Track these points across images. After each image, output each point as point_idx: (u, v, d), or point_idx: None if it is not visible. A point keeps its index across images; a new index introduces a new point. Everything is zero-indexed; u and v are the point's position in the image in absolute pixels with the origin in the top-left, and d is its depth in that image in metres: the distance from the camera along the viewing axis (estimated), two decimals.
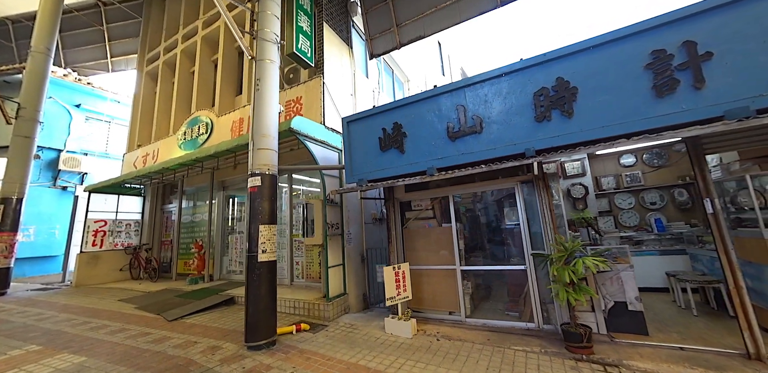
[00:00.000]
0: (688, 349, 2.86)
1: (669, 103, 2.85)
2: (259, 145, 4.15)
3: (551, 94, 3.38)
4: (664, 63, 2.90)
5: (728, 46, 2.70)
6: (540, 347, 3.21)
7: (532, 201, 4.01)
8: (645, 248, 4.75)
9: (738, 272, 2.79)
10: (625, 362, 2.79)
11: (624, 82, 3.03)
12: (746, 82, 2.62)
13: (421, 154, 4.14)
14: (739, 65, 2.65)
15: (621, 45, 3.09)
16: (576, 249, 3.19)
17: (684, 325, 3.35)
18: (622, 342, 3.09)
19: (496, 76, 3.71)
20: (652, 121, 2.89)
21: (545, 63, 3.46)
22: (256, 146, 4.15)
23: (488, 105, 3.75)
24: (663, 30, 2.94)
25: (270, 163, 4.15)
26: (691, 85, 2.79)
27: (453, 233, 4.41)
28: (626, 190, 5.43)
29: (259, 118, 4.24)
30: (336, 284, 4.88)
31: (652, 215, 5.12)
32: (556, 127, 3.32)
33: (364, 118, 4.75)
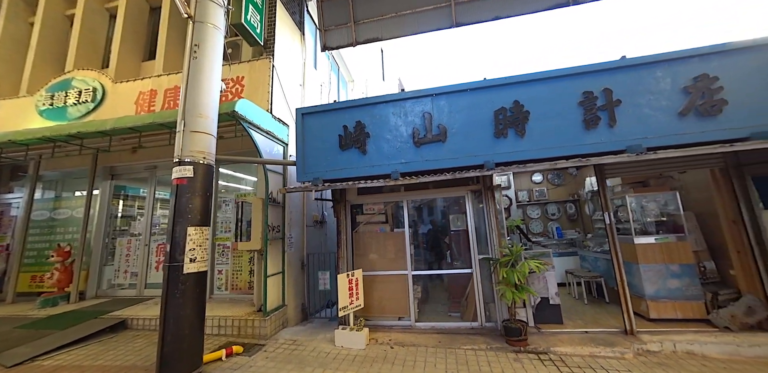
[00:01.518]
0: (590, 332, 3.58)
1: (593, 134, 3.53)
2: (193, 126, 3.34)
3: (509, 114, 3.76)
4: (591, 102, 3.57)
5: (630, 97, 3.50)
6: (485, 344, 3.49)
7: (479, 209, 4.39)
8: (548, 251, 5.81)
9: (623, 269, 3.65)
10: (551, 349, 3.29)
11: (565, 112, 3.61)
12: (639, 126, 3.45)
13: (384, 156, 4.05)
14: (636, 113, 3.47)
15: (564, 82, 3.67)
16: (520, 253, 3.62)
17: (582, 312, 4.20)
18: (546, 332, 3.65)
19: (463, 90, 3.93)
20: (582, 148, 3.52)
21: (505, 86, 3.83)
22: (189, 128, 3.33)
23: (453, 116, 3.93)
24: (592, 76, 3.63)
25: (207, 151, 3.39)
26: (607, 123, 3.52)
27: (405, 238, 4.45)
28: (535, 202, 6.57)
29: (195, 95, 3.42)
30: (275, 294, 4.31)
31: (553, 223, 6.33)
32: (511, 144, 3.71)
33: (323, 112, 4.37)
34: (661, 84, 3.43)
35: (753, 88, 3.23)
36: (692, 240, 3.78)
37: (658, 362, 3.00)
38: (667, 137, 3.32)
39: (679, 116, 3.35)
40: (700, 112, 3.30)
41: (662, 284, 3.65)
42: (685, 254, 3.67)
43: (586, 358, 3.11)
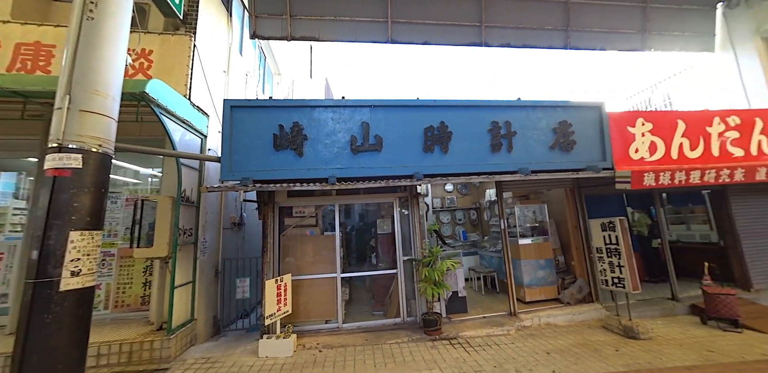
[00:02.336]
0: (487, 316, 4.40)
1: (497, 157, 4.41)
2: (86, 105, 2.66)
3: (436, 132, 4.33)
4: (497, 131, 4.45)
5: (522, 130, 4.51)
6: (407, 336, 3.88)
7: (405, 214, 4.84)
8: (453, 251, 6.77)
9: (511, 265, 4.64)
10: (460, 334, 3.92)
11: (478, 136, 4.39)
12: (527, 153, 4.48)
13: (321, 160, 4.08)
14: (525, 143, 4.51)
15: (479, 111, 4.45)
16: (438, 254, 4.19)
17: (481, 302, 5.09)
18: (455, 320, 4.30)
19: (399, 106, 4.32)
20: (489, 167, 4.34)
21: (435, 107, 4.40)
22: (79, 106, 2.66)
23: (389, 128, 4.27)
24: (498, 110, 4.52)
25: (104, 138, 2.75)
26: (507, 149, 4.46)
27: (336, 241, 4.54)
28: (446, 209, 7.58)
29: (90, 65, 2.73)
30: (182, 308, 3.76)
31: (459, 227, 7.42)
32: (437, 159, 4.28)
33: (257, 107, 4.11)
34: (540, 123, 4.55)
35: (588, 135, 4.63)
36: (553, 240, 5.10)
37: (530, 333, 3.94)
38: (544, 164, 4.42)
39: (550, 149, 4.50)
40: (561, 148, 4.52)
41: (534, 275, 4.80)
42: (548, 251, 4.94)
43: (484, 338, 3.83)
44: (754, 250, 4.97)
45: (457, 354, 3.41)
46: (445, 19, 6.95)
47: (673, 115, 4.87)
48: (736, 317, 3.84)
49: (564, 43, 7.18)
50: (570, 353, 3.32)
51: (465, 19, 7.00)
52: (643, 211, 5.96)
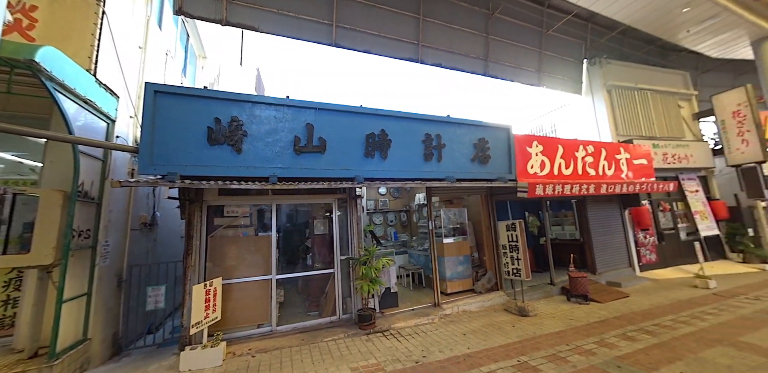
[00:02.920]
0: (415, 309, 4.87)
1: (429, 165, 4.95)
2: None
3: (377, 139, 4.63)
4: (429, 142, 5.00)
5: (450, 143, 5.17)
6: (343, 333, 4.03)
7: (343, 215, 4.99)
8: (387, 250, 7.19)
9: (437, 261, 5.24)
10: (392, 326, 4.26)
11: (414, 146, 4.86)
12: (453, 164, 5.14)
13: (262, 159, 3.94)
14: (452, 154, 5.17)
15: (415, 123, 4.92)
16: (375, 253, 4.47)
17: (409, 296, 5.56)
18: (388, 314, 4.64)
19: (344, 111, 4.47)
20: (422, 174, 4.85)
21: (377, 116, 4.70)
22: None
23: (333, 131, 4.38)
24: (432, 123, 5.06)
25: None
26: (437, 159, 5.06)
27: (272, 242, 4.39)
28: (379, 211, 7.98)
29: None
30: (71, 327, 3.13)
31: (391, 228, 7.90)
32: (377, 164, 4.58)
33: (188, 96, 3.72)
34: (464, 138, 5.29)
35: (499, 151, 5.58)
36: (470, 239, 5.95)
37: (450, 320, 4.55)
38: (466, 173, 5.15)
39: (471, 161, 5.28)
40: (480, 160, 5.34)
41: (455, 269, 5.52)
42: (466, 248, 5.75)
43: (413, 327, 4.26)
44: (599, 244, 6.74)
45: (390, 344, 3.72)
46: (387, 32, 7.42)
47: (556, 141, 6.27)
48: (587, 293, 5.19)
49: (484, 70, 8.45)
50: (481, 332, 3.99)
51: (405, 36, 7.60)
52: (534, 215, 7.43)
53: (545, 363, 3.11)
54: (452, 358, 3.29)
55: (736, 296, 5.27)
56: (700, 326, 4.02)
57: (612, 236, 7.03)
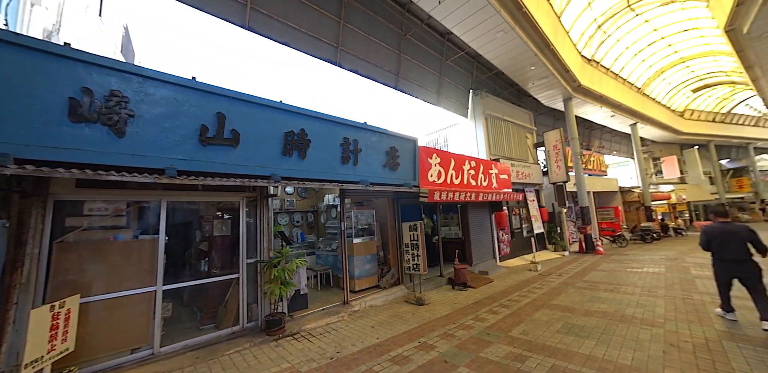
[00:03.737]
0: (325, 308, 4.92)
1: (345, 168, 5.14)
2: None
3: (296, 138, 4.54)
4: (347, 146, 5.21)
5: (366, 149, 5.52)
6: (249, 342, 3.73)
7: (252, 215, 4.61)
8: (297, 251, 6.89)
9: (347, 261, 5.44)
10: (302, 328, 4.21)
11: (332, 148, 4.96)
12: (369, 168, 5.51)
13: (156, 147, 3.32)
14: (368, 160, 5.52)
15: (335, 126, 5.04)
16: (288, 254, 4.32)
17: (318, 297, 5.53)
18: (297, 317, 4.52)
19: (263, 105, 4.21)
20: (338, 176, 4.99)
21: (298, 114, 4.60)
22: None
23: (249, 125, 4.07)
24: (350, 128, 5.30)
25: None
26: (353, 162, 5.30)
27: (159, 246, 3.68)
28: (286, 211, 7.60)
29: None
30: None
31: (297, 229, 7.61)
32: (295, 163, 4.48)
33: (35, 50, 2.79)
34: (379, 145, 5.72)
35: (407, 159, 6.28)
36: (377, 239, 6.41)
37: (359, 315, 4.81)
38: (378, 178, 5.57)
39: (383, 167, 5.75)
40: (390, 167, 5.88)
41: (363, 268, 5.83)
42: (373, 248, 6.16)
43: (324, 326, 4.31)
44: (475, 241, 8.35)
45: (302, 346, 3.68)
46: (308, 28, 7.27)
47: (449, 155, 7.48)
48: (466, 281, 6.39)
49: (395, 84, 9.25)
50: (387, 323, 4.40)
51: (325, 36, 7.61)
52: (428, 217, 8.57)
53: (439, 341, 3.73)
54: (364, 349, 3.53)
55: (550, 274, 7.48)
56: (532, 297, 5.57)
57: (484, 234, 8.82)
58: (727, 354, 3.13)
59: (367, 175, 5.40)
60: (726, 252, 3.91)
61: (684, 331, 3.76)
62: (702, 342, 3.42)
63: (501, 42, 8.81)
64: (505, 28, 8.09)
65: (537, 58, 9.63)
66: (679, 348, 3.31)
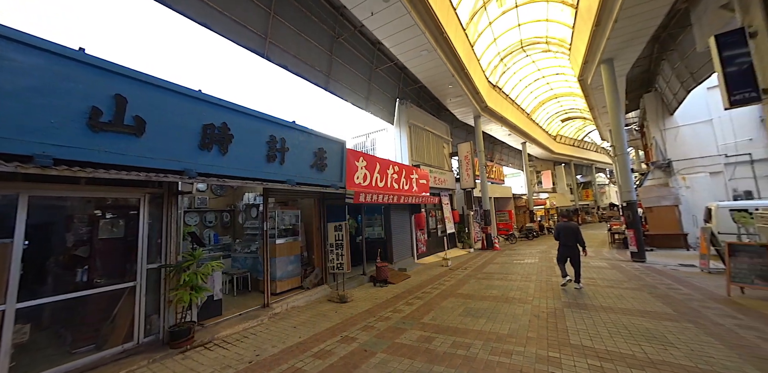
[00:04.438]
0: (243, 313, 4.62)
1: (271, 167, 4.99)
2: None
3: (216, 132, 4.22)
4: (274, 144, 5.06)
5: (294, 148, 5.44)
6: (146, 359, 3.28)
7: (156, 214, 4.05)
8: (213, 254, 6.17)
9: (269, 263, 5.23)
10: (215, 336, 3.89)
11: (257, 145, 4.76)
12: (295, 167, 5.44)
13: (18, 127, 2.70)
14: (295, 159, 5.47)
15: (261, 123, 4.86)
16: (201, 256, 3.95)
17: (235, 301, 5.11)
18: (209, 325, 4.14)
19: (177, 92, 3.80)
20: (263, 174, 4.81)
21: (220, 106, 4.28)
22: None
23: (158, 113, 3.63)
24: (277, 126, 5.17)
25: None
26: (279, 161, 5.16)
27: (13, 252, 2.94)
28: (195, 210, 6.77)
29: None
30: None
31: (209, 230, 6.83)
32: (214, 159, 4.15)
33: None
34: (307, 145, 5.71)
35: (334, 161, 6.41)
36: (302, 240, 6.30)
37: (281, 317, 4.69)
38: (305, 178, 5.55)
39: (310, 167, 5.75)
40: (318, 168, 5.91)
41: (285, 269, 5.67)
42: (297, 248, 6.05)
43: (241, 332, 4.07)
44: (396, 241, 8.96)
45: (215, 354, 3.43)
46: (234, 13, 6.75)
47: (375, 159, 7.90)
48: (387, 278, 6.83)
49: (325, 84, 9.26)
50: (310, 323, 4.42)
51: (253, 25, 7.17)
52: (353, 218, 8.81)
53: (360, 333, 3.96)
54: (286, 349, 3.50)
55: (458, 269, 8.58)
56: (442, 288, 6.33)
57: (404, 234, 9.52)
58: (565, 317, 4.25)
59: (294, 174, 5.34)
60: (565, 240, 6.01)
61: (543, 305, 4.89)
62: (553, 311, 4.53)
63: (425, 59, 9.76)
64: (429, 48, 9.02)
65: (454, 78, 10.97)
66: (538, 317, 4.30)
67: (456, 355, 3.24)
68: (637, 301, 4.87)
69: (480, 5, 12.54)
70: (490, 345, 3.45)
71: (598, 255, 10.22)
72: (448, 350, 3.36)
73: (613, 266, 8.08)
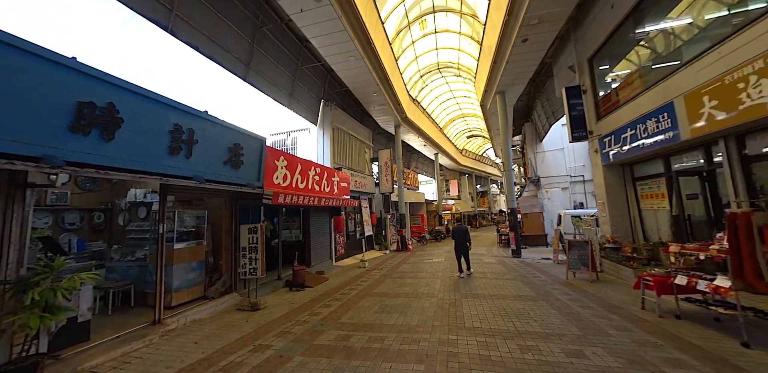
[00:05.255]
0: (122, 335, 3.77)
1: (174, 160, 4.33)
2: None
3: (98, 113, 3.46)
4: (179, 134, 4.42)
5: (204, 141, 4.82)
6: None
7: None
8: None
9: (164, 271, 4.45)
10: (79, 368, 3.10)
11: (157, 134, 4.08)
12: (204, 163, 4.84)
13: None
14: (204, 153, 4.86)
15: (164, 108, 4.20)
16: (63, 267, 3.12)
17: (110, 322, 4.07)
18: (69, 355, 3.24)
19: (33, 54, 2.95)
20: (163, 168, 4.14)
21: (103, 81, 3.51)
22: None
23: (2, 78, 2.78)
24: (186, 115, 4.54)
25: None
26: (185, 155, 4.53)
27: None
28: (48, 208, 5.21)
29: None
30: None
31: (69, 235, 5.30)
32: (94, 146, 3.38)
33: None
34: (220, 139, 5.16)
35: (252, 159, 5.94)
36: (207, 243, 5.56)
37: (177, 334, 4.04)
38: (217, 175, 4.99)
39: (224, 164, 5.20)
40: (232, 164, 5.39)
41: (185, 278, 4.89)
42: (201, 253, 5.31)
43: (119, 358, 3.34)
44: (315, 244, 8.77)
45: None
46: None
47: (297, 159, 7.64)
48: (304, 282, 6.63)
49: (244, 74, 8.49)
50: (215, 336, 3.94)
51: None
52: (270, 220, 8.25)
53: (275, 339, 3.76)
54: (185, 368, 3.05)
55: (375, 270, 8.95)
56: (360, 289, 6.52)
57: (323, 237, 9.39)
58: (462, 306, 4.97)
59: (203, 170, 4.75)
60: (458, 239, 7.72)
61: (447, 297, 5.58)
62: (453, 302, 5.23)
63: (352, 65, 9.98)
64: (357, 55, 9.28)
65: (379, 88, 11.53)
66: (442, 308, 4.90)
67: (372, 349, 3.41)
68: (514, 288, 6.03)
69: (405, 25, 13.60)
70: (402, 336, 3.76)
71: (489, 253, 12.11)
72: (365, 345, 3.51)
73: (499, 261, 9.72)
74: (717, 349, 3.09)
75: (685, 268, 4.17)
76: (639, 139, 6.22)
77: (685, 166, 6.01)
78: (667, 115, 5.46)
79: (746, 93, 4.02)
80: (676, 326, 3.76)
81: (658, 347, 3.17)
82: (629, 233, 7.56)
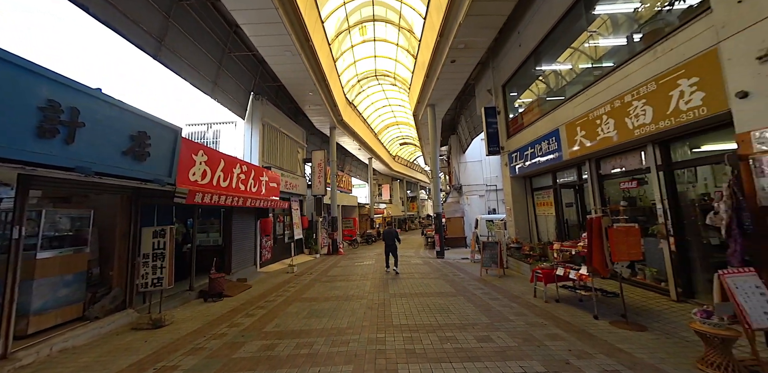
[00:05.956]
0: None
1: (46, 145, 3.42)
2: None
3: None
4: (55, 113, 3.52)
5: (93, 124, 3.95)
6: None
7: None
8: None
9: (15, 290, 3.41)
10: None
11: (19, 109, 3.17)
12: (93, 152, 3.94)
13: None
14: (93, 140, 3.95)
15: (32, 77, 3.27)
16: None
17: None
18: None
19: None
20: (28, 155, 3.23)
21: None
22: None
23: None
24: (67, 89, 3.64)
25: None
26: (64, 139, 3.62)
27: None
28: None
29: None
30: None
31: None
32: None
33: None
34: (119, 124, 4.29)
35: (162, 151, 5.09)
36: (91, 251, 4.47)
37: (33, 370, 3.11)
38: (112, 167, 4.12)
39: (123, 154, 4.33)
40: (135, 156, 4.53)
41: (53, 295, 3.81)
42: (81, 263, 4.23)
43: None
44: (236, 248, 7.93)
45: None
46: None
47: (220, 155, 6.86)
48: (222, 291, 5.91)
49: (155, 52, 7.25)
50: (99, 364, 3.17)
51: None
52: (181, 221, 7.15)
53: (184, 358, 3.23)
54: None
55: (304, 274, 8.56)
56: (287, 295, 6.14)
57: (247, 241, 8.56)
58: (391, 305, 5.13)
59: (92, 160, 3.88)
60: (387, 241, 8.62)
61: (376, 298, 5.68)
62: (382, 302, 5.35)
63: (288, 60, 9.49)
64: (294, 51, 8.89)
65: (315, 87, 11.22)
66: (371, 308, 4.97)
67: (299, 355, 3.23)
68: (437, 286, 6.49)
69: (345, 28, 13.63)
70: (332, 339, 3.66)
71: (417, 255, 12.79)
72: (292, 352, 3.30)
73: (425, 262, 10.35)
74: (579, 322, 3.91)
75: (563, 261, 5.12)
76: (536, 156, 7.49)
77: (565, 180, 7.46)
78: (555, 139, 6.72)
79: (601, 128, 5.28)
80: (555, 308, 4.57)
81: (543, 326, 3.82)
82: (528, 234, 8.96)
